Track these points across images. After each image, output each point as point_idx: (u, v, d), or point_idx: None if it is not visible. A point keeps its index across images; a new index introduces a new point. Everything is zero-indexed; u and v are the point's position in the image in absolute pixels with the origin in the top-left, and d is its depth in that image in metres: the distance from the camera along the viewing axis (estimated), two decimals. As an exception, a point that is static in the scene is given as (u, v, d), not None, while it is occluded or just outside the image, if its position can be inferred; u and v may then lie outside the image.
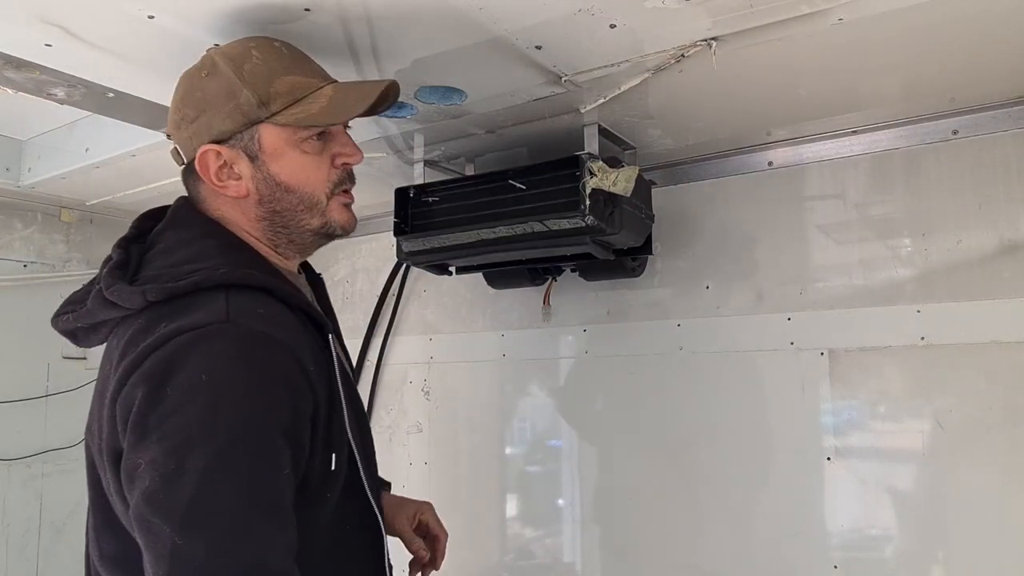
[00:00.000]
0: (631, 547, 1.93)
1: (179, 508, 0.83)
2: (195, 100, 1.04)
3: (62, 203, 2.42)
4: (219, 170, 1.04)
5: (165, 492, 0.83)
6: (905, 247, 1.65)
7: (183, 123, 1.05)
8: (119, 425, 0.90)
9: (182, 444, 0.85)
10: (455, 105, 1.44)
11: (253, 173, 1.05)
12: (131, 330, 0.95)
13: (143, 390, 0.87)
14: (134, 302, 0.95)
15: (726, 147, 1.83)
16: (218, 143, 1.03)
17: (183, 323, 0.90)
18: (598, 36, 1.18)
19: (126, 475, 0.87)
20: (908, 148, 1.65)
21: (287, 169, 1.06)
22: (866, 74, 1.40)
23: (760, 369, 1.78)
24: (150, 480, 0.84)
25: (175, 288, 0.94)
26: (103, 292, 0.98)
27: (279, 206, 1.07)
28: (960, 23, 1.19)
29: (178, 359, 0.88)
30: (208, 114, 1.02)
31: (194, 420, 0.86)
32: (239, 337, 0.91)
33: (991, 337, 1.52)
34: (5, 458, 2.31)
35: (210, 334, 0.90)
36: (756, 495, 1.75)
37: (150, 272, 0.99)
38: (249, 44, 1.06)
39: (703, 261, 1.89)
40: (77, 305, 1.05)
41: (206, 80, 1.03)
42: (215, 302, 0.93)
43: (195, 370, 0.87)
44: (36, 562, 2.36)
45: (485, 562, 2.18)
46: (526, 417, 2.21)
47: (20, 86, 1.38)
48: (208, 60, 1.05)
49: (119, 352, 0.95)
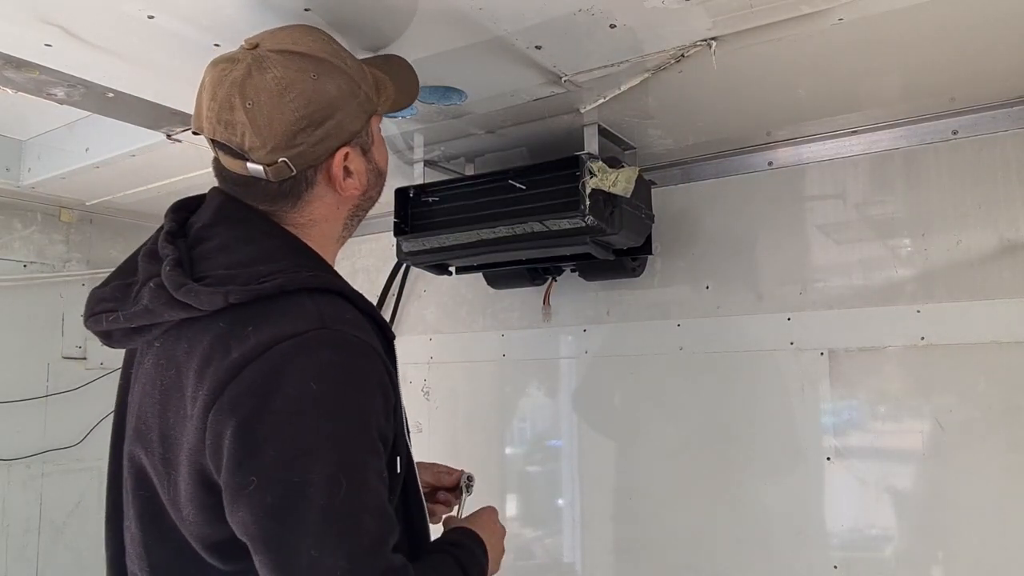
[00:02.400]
0: (631, 547, 1.93)
1: (312, 521, 0.82)
2: (321, 104, 0.96)
3: (62, 203, 2.42)
4: (344, 171, 1.01)
5: (292, 505, 0.82)
6: (905, 247, 1.65)
7: (304, 132, 0.96)
8: (213, 438, 0.85)
9: (301, 456, 0.83)
10: (455, 105, 1.44)
11: (365, 166, 1.05)
12: (210, 334, 0.90)
13: (249, 404, 0.84)
14: (213, 303, 0.90)
15: (726, 147, 1.83)
16: (346, 144, 1.00)
17: (277, 331, 0.87)
18: (598, 36, 1.18)
19: (233, 491, 0.84)
20: (908, 148, 1.65)
21: (382, 154, 1.09)
22: (866, 74, 1.40)
23: (760, 369, 1.78)
24: (272, 495, 0.83)
25: (260, 290, 0.90)
26: (170, 292, 0.91)
27: (374, 192, 1.09)
28: (960, 23, 1.19)
29: (282, 369, 0.86)
30: (338, 116, 0.98)
31: (308, 431, 0.85)
32: (339, 344, 0.90)
33: (991, 337, 1.52)
34: (5, 458, 2.31)
35: (311, 342, 0.88)
36: (756, 495, 1.75)
37: (217, 271, 0.93)
38: (320, 36, 1.01)
39: (703, 261, 1.89)
40: (115, 304, 0.98)
41: (321, 82, 0.97)
42: (303, 307, 0.90)
43: (302, 380, 0.86)
44: (36, 562, 2.36)
45: (485, 562, 2.18)
46: (526, 417, 2.21)
47: (20, 86, 1.38)
48: (301, 60, 0.97)
49: (199, 358, 0.89)
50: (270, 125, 0.95)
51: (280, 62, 0.95)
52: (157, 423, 0.94)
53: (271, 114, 0.94)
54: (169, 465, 0.92)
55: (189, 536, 0.92)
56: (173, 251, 0.96)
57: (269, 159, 0.96)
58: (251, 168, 0.97)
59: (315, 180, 1.00)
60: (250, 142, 0.95)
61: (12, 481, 2.33)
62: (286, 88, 0.94)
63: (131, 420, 1.00)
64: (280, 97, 0.94)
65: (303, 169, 0.98)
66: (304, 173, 0.99)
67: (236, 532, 0.86)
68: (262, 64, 0.95)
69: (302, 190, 1.00)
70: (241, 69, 0.95)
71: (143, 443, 0.97)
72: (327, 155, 0.99)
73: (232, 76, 0.95)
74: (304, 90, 0.95)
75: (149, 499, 0.96)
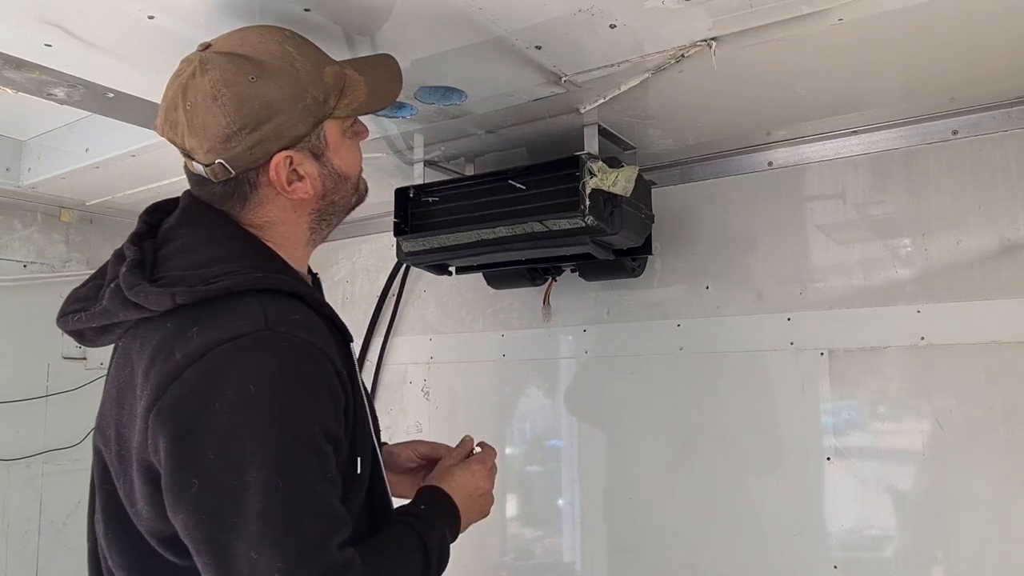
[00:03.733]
0: (631, 547, 1.93)
1: (250, 523, 0.82)
2: (255, 108, 0.95)
3: (62, 203, 2.42)
4: (288, 175, 1.00)
5: (231, 508, 0.83)
6: (905, 247, 1.65)
7: (238, 136, 0.95)
8: (153, 439, 0.87)
9: (240, 459, 0.84)
10: (455, 105, 1.44)
11: (319, 171, 1.03)
12: (158, 334, 0.91)
13: (189, 406, 0.85)
14: (161, 304, 0.91)
15: (726, 147, 1.83)
16: (288, 148, 0.99)
17: (221, 333, 0.88)
18: (598, 36, 1.18)
19: (174, 494, 0.85)
20: (908, 148, 1.65)
21: (345, 159, 1.07)
22: (866, 74, 1.40)
23: (760, 369, 1.78)
24: (212, 497, 0.83)
25: (206, 291, 0.91)
26: (124, 292, 0.93)
27: (336, 196, 1.07)
28: (960, 23, 1.19)
29: (222, 372, 0.86)
30: (275, 121, 0.97)
31: (248, 434, 0.85)
32: (281, 346, 0.90)
33: (991, 337, 1.52)
34: (5, 458, 2.31)
35: (252, 344, 0.88)
36: (756, 495, 1.75)
37: (173, 272, 0.95)
38: (272, 37, 1.00)
39: (703, 261, 1.89)
40: (85, 303, 1.00)
41: (259, 85, 0.96)
42: (250, 308, 0.91)
43: (242, 383, 0.86)
44: (36, 562, 2.37)
45: (485, 562, 2.18)
46: (526, 417, 2.21)
47: (20, 86, 1.38)
48: (242, 62, 0.96)
49: (147, 357, 0.91)
50: (204, 127, 0.96)
51: (220, 64, 0.96)
52: (113, 420, 0.96)
53: (205, 116, 0.96)
54: (124, 461, 0.94)
55: (144, 531, 0.93)
56: (135, 252, 0.97)
57: (207, 160, 0.98)
58: (195, 167, 1.00)
59: (258, 182, 1.00)
60: (189, 143, 0.98)
61: (12, 481, 2.33)
62: (220, 91, 0.95)
63: (97, 417, 1.02)
64: (214, 100, 0.95)
65: (243, 171, 0.99)
66: (246, 175, 0.99)
67: (179, 533, 0.87)
68: (205, 66, 0.96)
69: (247, 192, 1.00)
70: (189, 70, 0.97)
71: (103, 439, 0.99)
72: (265, 158, 0.98)
73: (181, 77, 0.98)
74: (238, 93, 0.95)
75: (110, 493, 0.98)
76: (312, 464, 0.88)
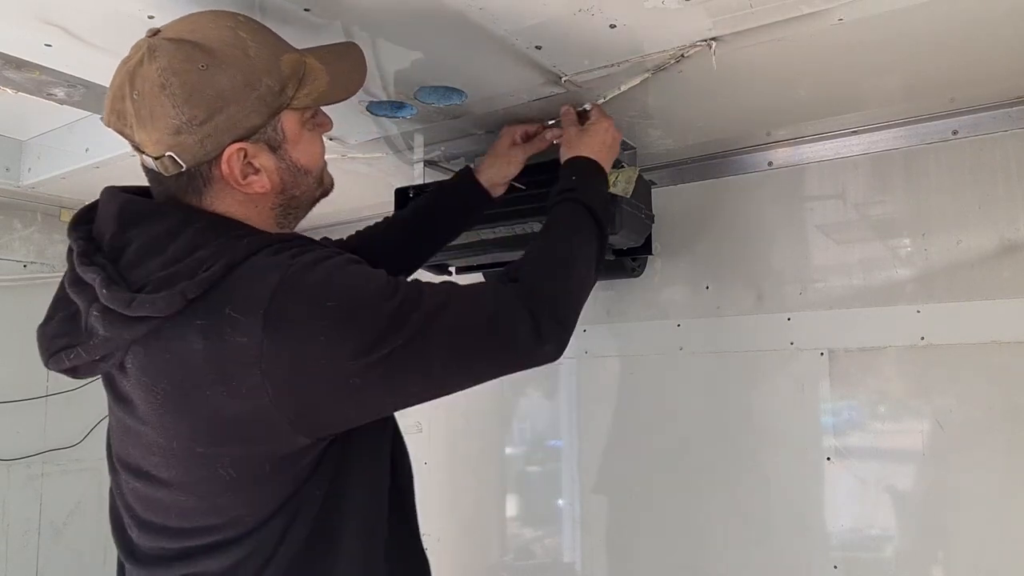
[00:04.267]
0: (631, 547, 1.93)
1: (452, 329, 0.96)
2: (205, 98, 0.90)
3: (62, 203, 2.42)
4: (243, 168, 0.95)
5: (432, 336, 0.93)
6: (905, 247, 1.65)
7: (188, 127, 0.91)
8: (285, 389, 0.87)
9: (406, 301, 0.92)
10: (455, 105, 1.44)
11: (277, 164, 0.99)
12: (193, 332, 0.87)
13: (296, 326, 0.87)
14: (171, 305, 0.87)
15: (726, 147, 1.83)
16: (241, 140, 0.94)
17: (261, 290, 0.87)
18: (598, 36, 1.17)
19: (385, 382, 0.91)
20: (908, 148, 1.65)
21: (305, 152, 1.02)
22: (866, 74, 1.40)
23: (760, 369, 1.78)
24: (414, 345, 0.91)
25: (211, 276, 0.87)
26: (120, 311, 0.87)
27: (298, 190, 1.03)
28: (960, 23, 1.19)
29: (295, 295, 0.88)
30: (227, 111, 0.92)
31: (375, 289, 0.93)
32: (317, 259, 0.93)
33: (991, 337, 1.52)
34: (5, 458, 2.31)
35: (299, 271, 0.90)
36: (756, 495, 1.75)
37: (156, 275, 0.89)
38: (224, 22, 0.95)
39: (703, 261, 1.89)
40: (70, 339, 0.94)
41: (210, 73, 0.91)
42: (265, 262, 0.91)
43: (320, 282, 0.90)
44: (36, 562, 2.36)
45: (485, 562, 2.18)
46: (526, 417, 2.21)
47: (20, 86, 1.38)
48: (192, 49, 0.91)
49: (199, 354, 0.87)
50: (152, 118, 0.91)
51: (169, 51, 0.90)
52: (167, 432, 0.93)
53: (152, 106, 0.90)
54: (188, 460, 0.93)
55: (248, 510, 0.95)
56: (98, 271, 0.90)
57: (156, 152, 0.93)
58: (145, 160, 0.96)
59: (211, 176, 0.96)
60: (138, 135, 0.93)
61: (12, 481, 2.33)
62: (169, 79, 0.89)
63: (129, 440, 0.98)
64: (162, 89, 0.89)
65: (195, 165, 0.94)
66: (198, 169, 0.95)
67: (384, 408, 0.98)
68: (153, 53, 0.91)
69: (200, 186, 0.96)
70: (136, 57, 0.92)
71: (128, 467, 0.98)
72: (217, 151, 0.93)
73: (128, 65, 0.93)
74: (187, 82, 0.90)
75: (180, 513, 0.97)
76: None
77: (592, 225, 1.22)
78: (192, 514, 0.96)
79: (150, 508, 0.98)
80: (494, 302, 1.02)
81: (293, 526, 0.95)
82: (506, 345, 1.03)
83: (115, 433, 1.02)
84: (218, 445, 0.92)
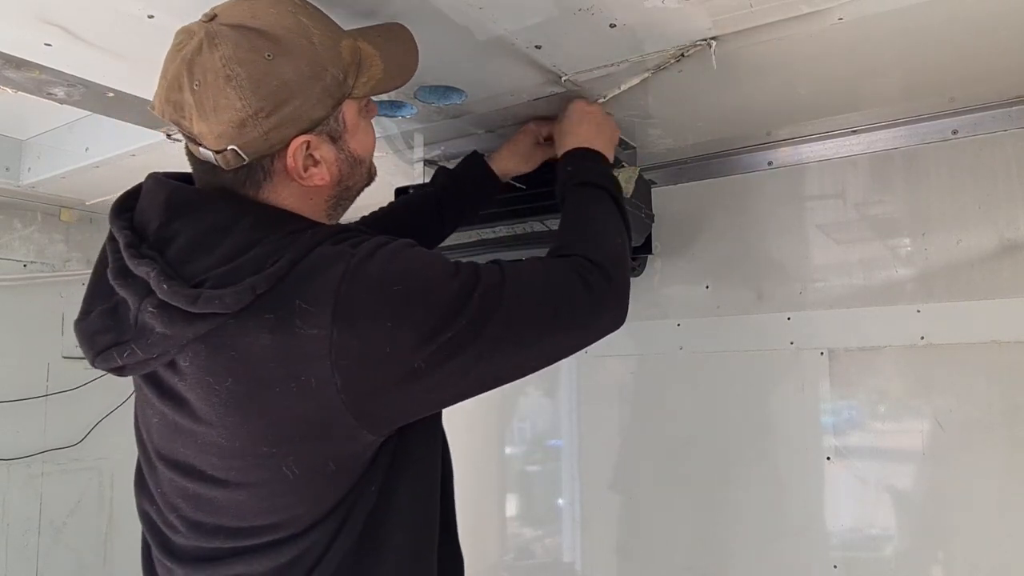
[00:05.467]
0: (631, 547, 1.93)
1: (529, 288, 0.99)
2: (272, 90, 0.87)
3: (62, 203, 2.42)
4: (304, 161, 0.93)
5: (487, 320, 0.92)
6: (905, 247, 1.65)
7: (253, 120, 0.87)
8: (356, 381, 0.86)
9: (488, 287, 0.94)
10: (455, 105, 1.44)
11: (336, 155, 0.96)
12: (260, 329, 0.85)
13: (378, 310, 0.87)
14: (240, 300, 0.83)
15: (726, 147, 1.83)
16: (306, 132, 0.91)
17: (328, 283, 0.86)
18: (598, 36, 1.17)
19: (449, 365, 0.91)
20: (908, 148, 1.65)
21: (361, 142, 1.00)
22: (866, 74, 1.40)
23: (760, 369, 1.78)
24: (494, 322, 0.93)
25: (278, 270, 0.85)
26: (184, 309, 0.84)
27: (351, 181, 1.01)
28: (960, 23, 1.19)
29: (366, 279, 0.88)
30: (293, 103, 0.88)
31: (444, 271, 0.93)
32: (379, 243, 0.92)
33: (991, 337, 1.52)
34: (5, 458, 2.31)
35: (363, 257, 0.89)
36: (756, 495, 1.75)
37: (215, 271, 0.85)
38: (285, 7, 0.90)
39: (703, 261, 1.89)
40: (119, 335, 0.89)
41: (276, 63, 0.87)
42: (330, 253, 0.89)
43: (387, 266, 0.90)
44: (36, 562, 2.36)
45: (485, 562, 2.18)
46: (526, 417, 2.21)
47: (20, 86, 1.38)
48: (256, 37, 0.87)
49: (269, 350, 0.85)
50: (216, 111, 0.86)
51: (232, 39, 0.86)
52: (230, 432, 0.89)
53: (216, 98, 0.86)
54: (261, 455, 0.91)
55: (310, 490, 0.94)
56: (152, 265, 0.86)
57: (217, 146, 0.89)
58: (202, 153, 0.91)
59: (272, 169, 0.93)
60: (197, 127, 0.88)
61: (12, 481, 2.33)
62: (234, 69, 0.85)
63: (179, 438, 0.94)
64: (228, 80, 0.85)
65: (257, 159, 0.91)
66: (260, 163, 0.91)
67: (447, 395, 0.99)
68: (213, 40, 0.86)
69: (260, 179, 0.93)
70: (193, 44, 0.87)
71: (170, 465, 0.95)
72: (282, 144, 0.91)
73: (184, 52, 0.88)
74: (254, 73, 0.86)
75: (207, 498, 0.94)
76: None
77: (605, 197, 1.24)
78: (249, 514, 0.93)
79: (201, 508, 0.94)
80: (551, 273, 1.05)
81: (347, 523, 0.93)
82: (573, 315, 1.04)
83: (156, 430, 0.97)
84: (284, 444, 0.89)
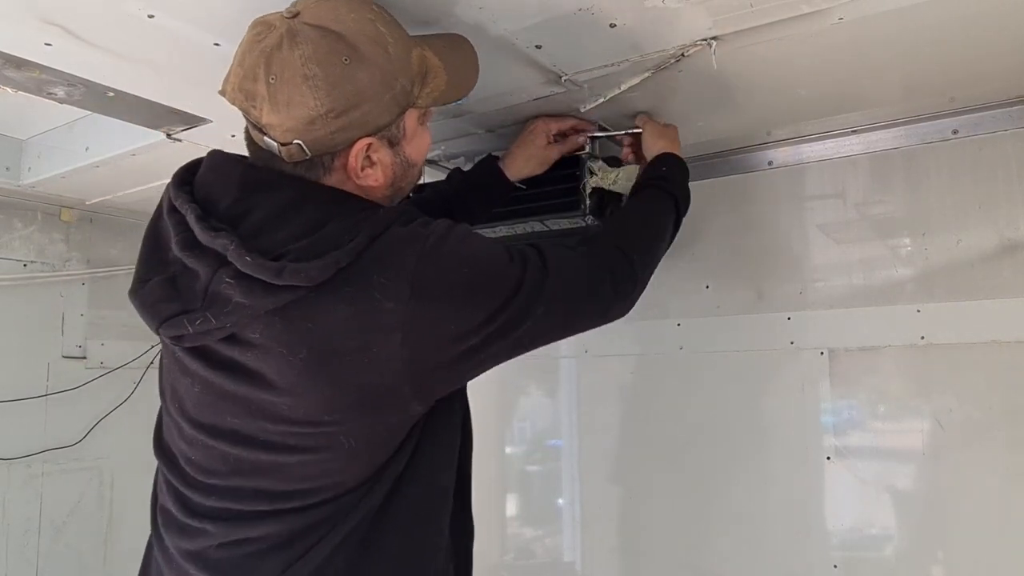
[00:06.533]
0: (631, 547, 1.93)
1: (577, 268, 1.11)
2: (345, 93, 0.90)
3: (62, 202, 2.42)
4: (362, 161, 0.97)
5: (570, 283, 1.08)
6: (905, 247, 1.65)
7: (323, 119, 0.91)
8: (433, 357, 0.93)
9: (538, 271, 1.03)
10: (455, 105, 1.44)
11: (392, 159, 1.01)
12: (340, 303, 0.88)
13: (446, 291, 0.93)
14: (324, 273, 0.87)
15: (726, 147, 1.83)
16: (369, 135, 0.96)
17: (406, 257, 0.92)
18: (598, 36, 1.18)
19: (516, 331, 0.98)
20: (908, 148, 1.65)
21: (418, 148, 1.05)
22: (866, 74, 1.39)
23: (760, 369, 1.78)
24: (557, 298, 1.04)
25: (357, 245, 0.89)
26: (266, 280, 0.86)
27: (403, 182, 1.06)
28: (960, 23, 1.19)
29: (438, 254, 0.94)
30: (362, 108, 0.92)
31: (499, 256, 1.02)
32: (448, 226, 0.98)
33: (991, 337, 1.52)
34: (5, 457, 2.31)
35: (440, 234, 0.96)
36: (756, 495, 1.75)
37: (291, 246, 0.89)
38: (364, 14, 0.94)
39: (703, 261, 1.89)
40: (185, 304, 0.91)
41: (352, 68, 0.90)
42: (405, 233, 0.94)
43: (456, 249, 0.96)
44: (36, 562, 2.36)
45: (485, 562, 2.17)
46: (526, 417, 2.21)
47: (20, 85, 1.38)
48: (336, 41, 0.90)
49: (350, 321, 0.89)
50: (288, 105, 0.90)
51: (313, 39, 0.89)
52: (297, 399, 0.92)
53: (291, 94, 0.90)
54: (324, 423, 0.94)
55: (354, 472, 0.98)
56: (230, 237, 0.89)
57: (284, 139, 0.93)
58: (267, 142, 0.95)
59: (332, 166, 0.97)
60: (267, 118, 0.92)
61: (12, 481, 2.32)
62: (312, 69, 0.89)
63: (227, 406, 0.95)
64: (305, 79, 0.89)
65: (319, 155, 0.95)
66: (320, 158, 0.95)
67: (484, 369, 1.00)
68: (295, 38, 0.89)
69: (319, 174, 0.97)
70: (273, 38, 0.90)
71: (223, 435, 0.96)
72: (346, 145, 0.95)
73: (263, 44, 0.91)
74: (331, 75, 0.89)
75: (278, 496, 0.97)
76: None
77: (672, 211, 1.36)
78: (296, 479, 0.95)
79: (242, 472, 0.96)
80: (588, 263, 1.15)
81: (375, 487, 0.97)
82: (597, 303, 1.15)
83: (196, 399, 0.98)
84: (345, 412, 0.92)
